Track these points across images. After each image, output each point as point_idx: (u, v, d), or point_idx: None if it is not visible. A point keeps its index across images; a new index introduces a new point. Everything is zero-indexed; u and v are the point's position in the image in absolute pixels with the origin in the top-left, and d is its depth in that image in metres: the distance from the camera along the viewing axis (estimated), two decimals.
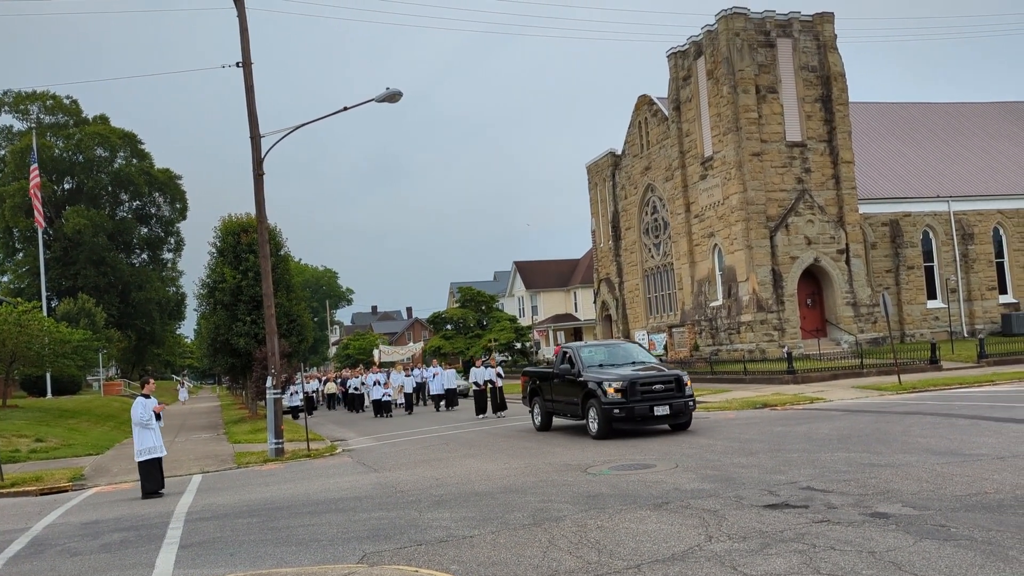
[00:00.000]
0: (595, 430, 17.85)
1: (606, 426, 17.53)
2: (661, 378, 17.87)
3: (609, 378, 17.81)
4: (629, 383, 17.47)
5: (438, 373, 34.51)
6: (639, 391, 17.43)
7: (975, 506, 8.86)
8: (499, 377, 28.05)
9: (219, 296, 35.77)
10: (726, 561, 7.44)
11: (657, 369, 18.82)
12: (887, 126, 50.85)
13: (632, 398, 17.33)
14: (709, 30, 42.53)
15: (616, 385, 17.51)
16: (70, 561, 9.78)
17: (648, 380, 17.68)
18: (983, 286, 45.85)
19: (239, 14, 21.43)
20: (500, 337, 64.00)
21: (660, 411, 17.41)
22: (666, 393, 17.65)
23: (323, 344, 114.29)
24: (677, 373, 18.18)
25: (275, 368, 20.97)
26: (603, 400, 17.46)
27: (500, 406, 27.64)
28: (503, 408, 27.73)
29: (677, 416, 17.80)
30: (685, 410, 17.87)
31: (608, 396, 17.43)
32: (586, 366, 18.88)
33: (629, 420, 17.44)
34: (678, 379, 17.90)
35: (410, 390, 35.33)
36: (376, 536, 9.68)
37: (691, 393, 18.13)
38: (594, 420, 17.87)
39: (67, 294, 63.44)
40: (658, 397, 17.52)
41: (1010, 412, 16.88)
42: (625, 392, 17.38)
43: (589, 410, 18.10)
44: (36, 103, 70.70)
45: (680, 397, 17.73)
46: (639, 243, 53.66)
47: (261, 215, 21.78)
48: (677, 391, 17.75)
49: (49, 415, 32.34)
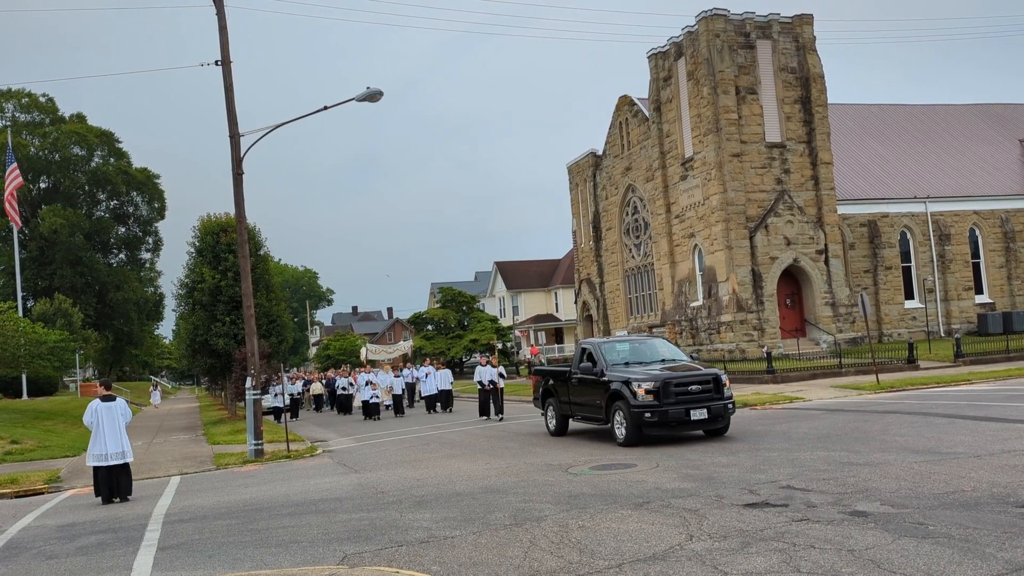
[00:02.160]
0: (622, 436, 15.99)
1: (635, 432, 15.71)
2: (697, 377, 15.98)
3: (639, 378, 15.89)
4: (662, 383, 15.54)
5: (431, 373, 32.49)
6: (673, 392, 15.54)
7: (953, 504, 8.94)
8: (501, 378, 26.40)
9: (198, 296, 35.47)
10: (707, 560, 7.46)
11: (691, 367, 16.92)
12: (865, 127, 51.29)
13: (665, 400, 15.44)
14: (689, 31, 42.71)
15: (647, 386, 15.60)
16: (45, 564, 9.65)
17: (683, 380, 15.79)
18: (960, 286, 46.36)
19: (218, 12, 21.26)
20: (481, 337, 63.96)
21: (697, 415, 15.53)
22: (703, 395, 15.76)
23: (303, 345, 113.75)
24: (715, 372, 16.31)
25: (254, 369, 20.84)
26: (632, 403, 15.61)
27: (499, 409, 25.96)
28: (500, 411, 26.00)
29: (715, 421, 15.90)
30: (724, 414, 15.96)
31: (638, 398, 15.60)
32: (610, 364, 16.90)
33: (662, 425, 15.58)
34: (716, 379, 16.03)
35: (399, 391, 33.27)
36: (357, 537, 9.63)
37: (730, 395, 16.24)
38: (620, 425, 16.03)
39: (43, 294, 62.74)
40: (694, 399, 15.65)
41: (986, 411, 17.06)
42: (658, 394, 15.47)
43: (615, 414, 16.22)
44: (11, 101, 69.88)
45: (719, 399, 15.84)
46: (620, 243, 53.81)
47: (240, 215, 21.62)
48: (715, 392, 15.88)
49: (25, 416, 31.98)
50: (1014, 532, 7.63)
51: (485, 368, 26.15)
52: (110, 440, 14.55)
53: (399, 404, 32.76)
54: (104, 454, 14.46)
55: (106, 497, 14.43)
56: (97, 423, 14.59)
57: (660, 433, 16.11)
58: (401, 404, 32.95)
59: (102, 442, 14.52)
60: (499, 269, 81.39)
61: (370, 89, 20.19)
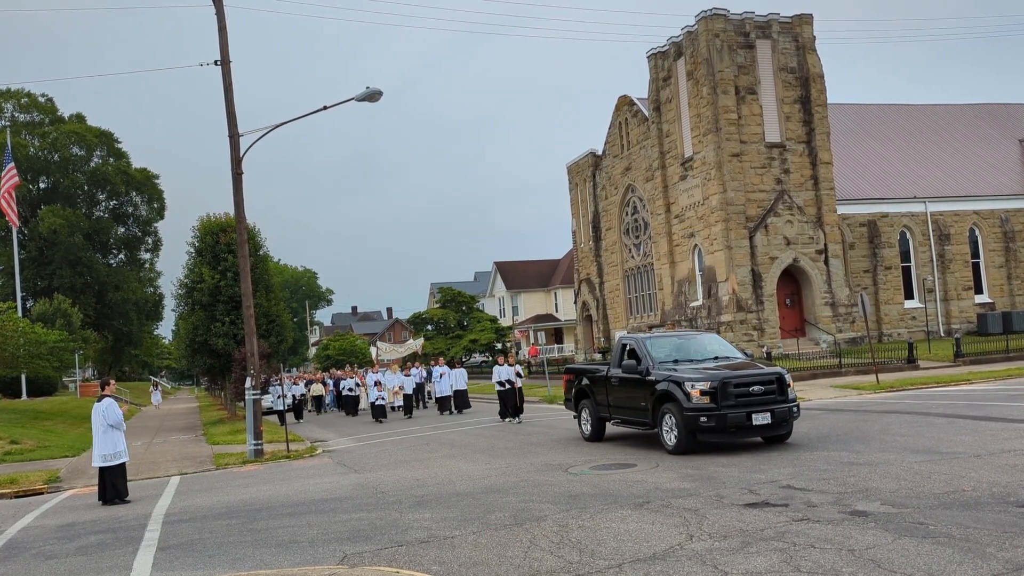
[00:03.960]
0: (672, 442, 14.36)
1: (689, 438, 14.06)
2: (759, 377, 14.28)
3: (692, 377, 14.20)
4: (720, 384, 13.86)
5: (445, 373, 30.88)
6: (732, 394, 13.87)
7: (953, 504, 8.94)
8: (518, 377, 24.81)
9: (197, 296, 35.48)
10: (707, 560, 7.46)
11: (750, 365, 15.37)
12: (865, 127, 51.29)
13: (724, 403, 13.76)
14: (689, 31, 42.71)
15: (703, 386, 13.91)
16: (45, 564, 9.65)
17: (743, 380, 14.12)
18: (959, 286, 46.36)
19: (217, 12, 21.26)
20: (480, 337, 63.95)
21: (760, 420, 13.84)
22: (766, 396, 14.06)
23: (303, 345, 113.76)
24: (778, 371, 14.64)
25: (254, 369, 20.83)
26: (686, 405, 13.91)
27: (517, 410, 24.33)
28: (519, 412, 24.36)
29: (778, 426, 14.23)
30: (788, 418, 14.26)
31: (692, 400, 13.88)
32: (657, 362, 15.21)
33: (719, 431, 13.89)
34: (780, 378, 14.35)
35: (409, 391, 31.79)
36: (356, 537, 9.62)
37: (795, 397, 14.53)
38: (671, 430, 14.38)
39: (42, 294, 62.70)
40: (757, 402, 13.96)
41: (986, 410, 17.06)
42: (715, 395, 13.79)
43: (663, 417, 14.53)
44: (10, 101, 69.78)
45: (783, 402, 14.15)
46: (620, 243, 53.80)
47: (240, 215, 21.62)
48: (779, 393, 14.19)
49: (24, 416, 31.97)
50: (1014, 532, 7.63)
51: (502, 367, 24.93)
52: (96, 441, 14.57)
53: (409, 404, 31.37)
54: (99, 455, 14.47)
55: (100, 497, 14.40)
56: (93, 424, 14.69)
57: (717, 440, 14.34)
58: (411, 405, 31.57)
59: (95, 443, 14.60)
60: (499, 269, 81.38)
61: (370, 89, 20.18)
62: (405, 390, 31.37)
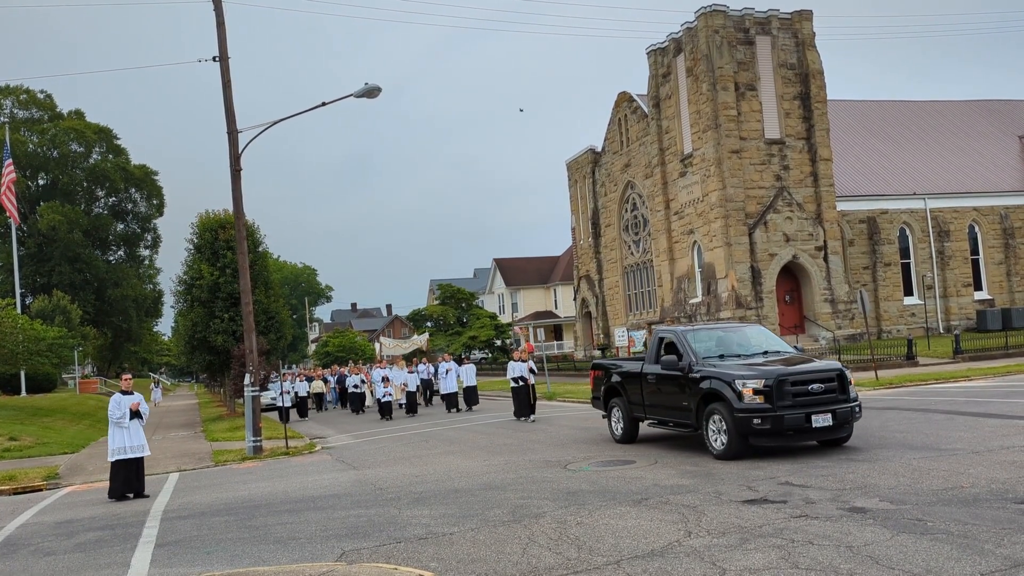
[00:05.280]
0: (719, 447, 12.99)
1: (739, 443, 12.71)
2: (818, 374, 12.95)
3: (743, 374, 12.86)
4: (776, 381, 12.51)
5: (451, 369, 30.03)
6: (789, 393, 12.53)
7: (951, 500, 8.94)
8: (532, 373, 23.66)
9: (196, 293, 35.48)
10: (705, 556, 7.46)
11: (805, 360, 13.91)
12: (865, 124, 51.26)
13: (780, 402, 12.43)
14: (689, 27, 42.66)
15: (755, 384, 12.56)
16: (43, 561, 9.64)
17: (801, 377, 12.76)
18: (959, 283, 46.36)
19: (215, 7, 21.23)
20: (480, 334, 63.98)
21: (820, 422, 12.49)
22: (826, 395, 12.74)
23: (302, 342, 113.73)
24: (838, 366, 13.34)
25: (253, 365, 20.83)
26: (737, 406, 12.59)
27: (530, 408, 23.10)
28: (532, 411, 23.18)
29: (840, 428, 12.87)
30: (850, 420, 12.93)
31: (744, 400, 12.56)
32: (701, 357, 13.90)
33: (775, 434, 12.54)
34: (841, 375, 13.05)
35: (413, 388, 30.71)
36: (355, 534, 9.62)
37: (856, 396, 13.22)
38: (718, 433, 13.03)
39: (42, 291, 62.64)
40: (816, 401, 12.64)
41: (985, 407, 17.05)
42: (770, 394, 12.46)
43: (710, 418, 13.20)
44: (9, 97, 69.67)
45: (845, 401, 12.84)
46: (619, 240, 53.78)
47: (239, 211, 21.60)
48: (840, 392, 12.88)
49: (23, 413, 31.94)
50: (1012, 528, 7.63)
51: (516, 363, 23.92)
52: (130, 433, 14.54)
53: (413, 401, 30.40)
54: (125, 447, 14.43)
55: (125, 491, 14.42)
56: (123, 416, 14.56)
57: (771, 444, 13.08)
58: (414, 403, 30.55)
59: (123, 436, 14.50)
60: (498, 266, 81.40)
61: (368, 85, 20.15)
62: (409, 387, 30.50)
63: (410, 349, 57.16)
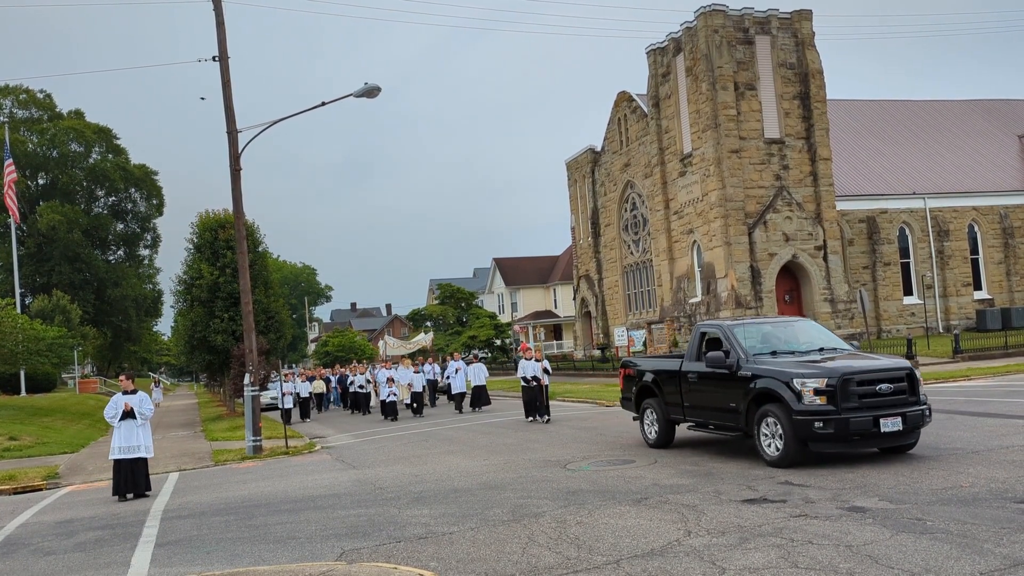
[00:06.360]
0: (773, 452, 11.85)
1: (797, 448, 11.59)
2: (886, 372, 11.65)
3: (803, 372, 11.67)
4: (840, 380, 11.32)
5: (460, 368, 29.34)
6: (855, 393, 11.33)
7: (951, 499, 8.95)
8: (546, 373, 22.75)
9: (196, 293, 35.48)
10: (705, 556, 7.46)
11: (869, 357, 12.66)
12: (864, 124, 51.27)
13: (845, 404, 11.23)
14: (688, 27, 42.65)
15: (817, 383, 11.39)
16: (43, 560, 9.65)
17: (869, 376, 11.51)
18: (958, 282, 46.38)
19: (215, 7, 21.23)
20: (480, 334, 63.98)
21: (889, 426, 11.23)
22: (896, 397, 11.47)
23: (302, 341, 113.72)
24: (907, 365, 12.00)
25: (253, 365, 20.83)
26: (795, 407, 11.42)
27: (544, 409, 22.25)
28: (546, 412, 22.27)
29: (909, 434, 11.70)
30: (920, 425, 11.67)
31: (804, 400, 11.39)
32: (751, 354, 12.69)
33: (838, 439, 11.37)
34: (910, 375, 11.75)
35: (419, 388, 29.91)
36: (355, 533, 9.62)
37: (926, 399, 11.94)
38: (772, 437, 11.89)
39: (41, 291, 62.63)
40: (885, 403, 11.37)
41: (985, 407, 17.06)
42: (833, 395, 11.27)
43: (763, 421, 12.01)
44: (9, 97, 69.62)
45: (915, 404, 11.58)
46: (619, 240, 53.79)
47: (239, 211, 21.59)
48: (910, 394, 11.62)
49: (23, 413, 31.94)
50: (1012, 528, 7.64)
51: (528, 362, 22.97)
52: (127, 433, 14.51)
53: (419, 402, 29.55)
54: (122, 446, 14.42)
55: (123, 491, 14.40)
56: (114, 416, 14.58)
57: (833, 450, 11.88)
58: (421, 403, 29.74)
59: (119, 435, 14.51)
60: (498, 266, 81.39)
61: (368, 85, 20.15)
62: (415, 388, 29.72)
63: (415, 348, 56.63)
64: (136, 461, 14.41)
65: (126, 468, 14.33)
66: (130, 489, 14.31)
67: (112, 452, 14.39)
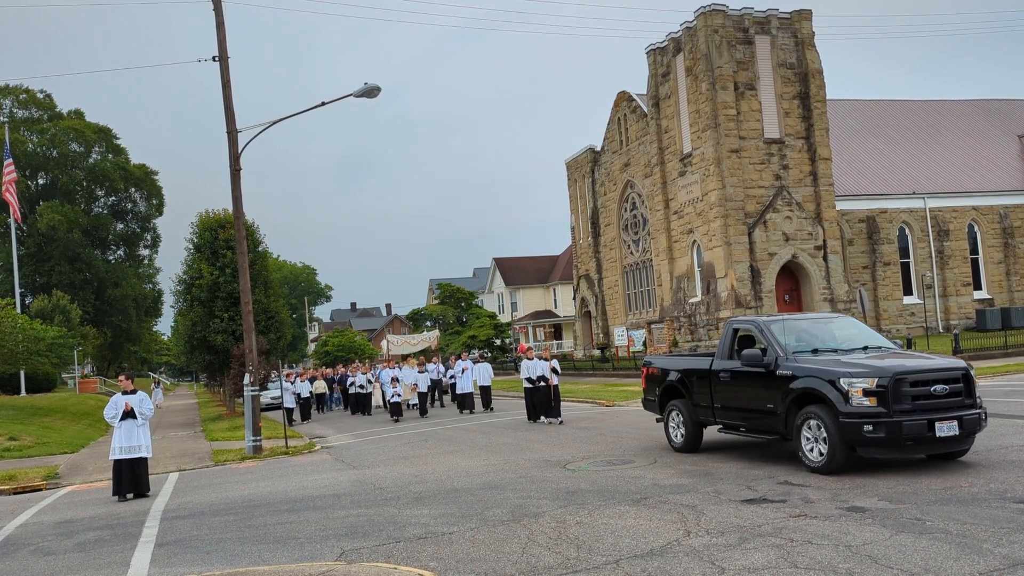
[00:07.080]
0: (817, 458, 11.00)
1: (844, 452, 10.74)
2: (940, 372, 10.78)
3: (850, 371, 10.78)
4: (892, 380, 10.43)
5: (467, 368, 28.62)
6: (908, 395, 10.47)
7: (950, 499, 8.95)
8: (555, 374, 21.99)
9: (196, 293, 35.46)
10: (704, 556, 7.47)
11: (920, 356, 11.73)
12: (864, 124, 51.29)
13: (897, 406, 10.37)
14: (688, 27, 42.66)
15: (866, 383, 10.51)
16: (43, 560, 9.65)
17: (922, 376, 10.64)
18: (958, 282, 46.40)
19: (215, 8, 21.24)
20: (480, 334, 63.99)
21: (945, 431, 10.37)
22: (951, 399, 10.63)
23: (302, 341, 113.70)
24: (962, 365, 11.08)
25: (252, 365, 20.83)
26: (842, 409, 10.56)
27: (555, 411, 21.44)
28: (557, 413, 21.45)
29: (965, 439, 10.81)
30: (976, 430, 10.81)
31: (852, 402, 10.53)
32: (791, 352, 11.78)
33: (889, 444, 10.46)
34: (966, 375, 10.89)
35: (424, 389, 29.28)
36: (354, 533, 9.62)
37: (982, 401, 11.14)
38: (815, 441, 11.04)
39: (41, 291, 62.62)
40: (941, 406, 10.53)
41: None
42: (884, 396, 10.39)
43: (804, 424, 11.16)
44: (9, 97, 69.62)
45: (972, 407, 10.76)
46: (618, 239, 53.80)
47: (238, 211, 21.60)
48: (966, 396, 10.79)
49: (23, 413, 31.93)
50: (1011, 528, 7.64)
51: (533, 362, 22.08)
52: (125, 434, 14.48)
53: (423, 403, 28.96)
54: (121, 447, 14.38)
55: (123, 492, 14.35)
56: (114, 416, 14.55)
57: (884, 456, 10.92)
58: (425, 403, 29.18)
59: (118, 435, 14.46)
60: (498, 265, 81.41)
61: (368, 85, 20.15)
62: (420, 388, 29.05)
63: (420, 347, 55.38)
64: (136, 461, 14.39)
65: (126, 468, 14.30)
66: (130, 489, 14.30)
67: (112, 452, 14.36)
